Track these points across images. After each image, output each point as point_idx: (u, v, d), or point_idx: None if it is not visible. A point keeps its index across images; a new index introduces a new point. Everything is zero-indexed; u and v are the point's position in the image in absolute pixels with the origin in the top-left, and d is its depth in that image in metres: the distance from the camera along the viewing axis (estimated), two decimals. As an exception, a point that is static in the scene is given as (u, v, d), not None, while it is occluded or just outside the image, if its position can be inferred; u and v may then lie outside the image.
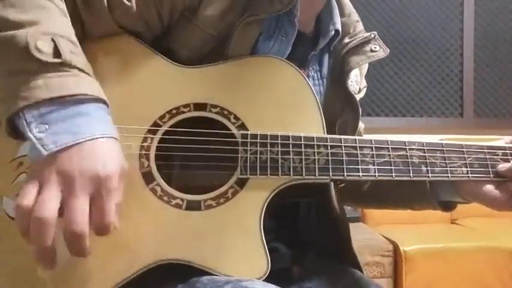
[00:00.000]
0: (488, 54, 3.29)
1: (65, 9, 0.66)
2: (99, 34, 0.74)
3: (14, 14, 0.59)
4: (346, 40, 0.88)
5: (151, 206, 0.68)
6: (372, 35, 0.88)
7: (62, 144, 0.56)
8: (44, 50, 0.58)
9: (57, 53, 0.58)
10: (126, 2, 0.72)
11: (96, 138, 0.58)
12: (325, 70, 0.88)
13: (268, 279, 0.65)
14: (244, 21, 0.75)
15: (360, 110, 0.87)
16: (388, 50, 0.88)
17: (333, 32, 0.86)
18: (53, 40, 0.59)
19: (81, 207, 0.55)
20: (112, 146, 0.59)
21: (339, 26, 0.87)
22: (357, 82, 0.93)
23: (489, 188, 0.76)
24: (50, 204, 0.54)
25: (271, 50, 0.79)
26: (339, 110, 0.85)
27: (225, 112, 0.73)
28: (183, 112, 0.73)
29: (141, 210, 0.68)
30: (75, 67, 0.59)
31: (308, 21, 0.86)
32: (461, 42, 3.25)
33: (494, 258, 2.37)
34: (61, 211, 0.55)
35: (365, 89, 1.01)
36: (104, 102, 0.62)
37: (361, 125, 0.98)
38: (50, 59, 0.58)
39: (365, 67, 0.99)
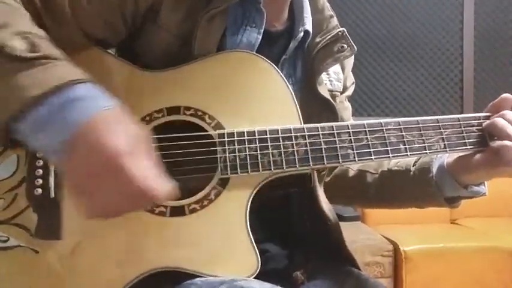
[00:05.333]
0: (488, 54, 3.29)
1: (29, 15, 0.65)
2: (63, 42, 0.71)
3: None
4: (318, 39, 0.84)
5: (135, 217, 0.67)
6: (340, 33, 0.83)
7: (64, 143, 0.54)
8: (19, 47, 0.57)
9: (33, 48, 0.58)
10: (87, 6, 0.70)
11: (104, 109, 0.56)
12: (299, 73, 0.85)
13: (268, 280, 0.65)
14: (205, 16, 0.73)
15: (338, 113, 0.83)
16: (356, 48, 0.84)
17: (302, 34, 0.82)
18: (25, 38, 0.58)
19: (137, 166, 0.53)
20: (121, 113, 0.57)
21: (308, 26, 0.83)
22: (338, 80, 0.90)
23: (482, 156, 0.75)
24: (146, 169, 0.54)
25: (239, 44, 0.77)
26: (317, 114, 0.81)
27: (199, 113, 0.71)
28: (157, 118, 0.71)
29: (125, 222, 0.65)
30: (54, 58, 0.58)
31: (277, 12, 0.83)
32: (461, 42, 3.26)
33: (494, 258, 2.37)
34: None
35: (353, 85, 0.98)
36: (91, 81, 0.60)
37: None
38: (28, 54, 0.57)
39: (349, 61, 0.95)
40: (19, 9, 0.64)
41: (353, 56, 0.94)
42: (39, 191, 0.67)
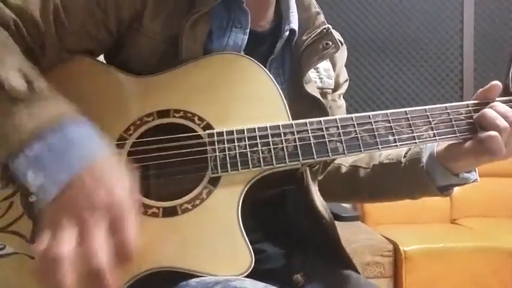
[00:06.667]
0: (488, 54, 3.29)
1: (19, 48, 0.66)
2: (49, 60, 0.73)
3: None
4: (304, 37, 0.83)
5: None
6: (325, 30, 0.83)
7: (61, 183, 0.54)
8: (17, 84, 0.58)
9: (29, 85, 0.59)
10: (69, 25, 0.71)
11: (91, 164, 0.56)
12: (287, 72, 0.85)
13: (266, 280, 0.65)
14: (190, 20, 0.74)
15: (330, 111, 0.83)
16: (340, 44, 0.84)
17: (287, 33, 0.82)
18: (21, 74, 0.59)
19: (98, 242, 0.51)
20: (108, 164, 0.57)
21: (294, 25, 0.83)
22: (329, 77, 0.90)
23: (469, 145, 0.76)
24: (62, 242, 0.51)
25: (226, 46, 0.78)
26: (306, 112, 0.80)
27: (189, 115, 0.73)
28: (148, 122, 0.72)
29: None
30: (50, 95, 0.60)
31: (262, 11, 0.83)
32: (461, 42, 3.26)
33: (494, 258, 2.37)
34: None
35: (347, 83, 0.98)
36: (85, 119, 0.60)
37: None
38: (27, 92, 0.58)
39: (341, 58, 0.94)
40: (11, 44, 0.65)
41: (345, 52, 0.95)
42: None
